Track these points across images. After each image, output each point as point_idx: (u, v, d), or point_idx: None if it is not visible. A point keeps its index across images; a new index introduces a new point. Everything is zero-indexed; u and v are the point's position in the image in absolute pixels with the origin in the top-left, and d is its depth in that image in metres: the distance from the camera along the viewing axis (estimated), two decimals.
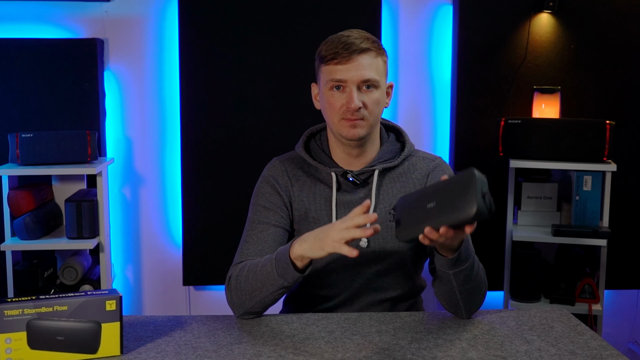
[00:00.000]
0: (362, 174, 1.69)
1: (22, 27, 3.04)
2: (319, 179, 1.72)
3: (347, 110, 1.62)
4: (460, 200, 1.27)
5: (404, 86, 3.19)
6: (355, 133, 1.63)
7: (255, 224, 1.69)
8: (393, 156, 1.74)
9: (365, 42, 1.62)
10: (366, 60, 1.62)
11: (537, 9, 3.03)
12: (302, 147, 1.75)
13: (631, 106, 3.07)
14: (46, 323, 1.31)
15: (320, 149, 1.75)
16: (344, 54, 1.60)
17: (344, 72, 1.61)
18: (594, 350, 1.40)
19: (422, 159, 1.76)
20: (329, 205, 1.69)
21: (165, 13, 3.11)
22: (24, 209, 2.73)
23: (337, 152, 1.72)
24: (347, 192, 1.70)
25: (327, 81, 1.64)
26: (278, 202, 1.71)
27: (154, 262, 3.22)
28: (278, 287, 1.54)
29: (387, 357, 1.36)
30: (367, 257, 1.69)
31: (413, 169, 1.74)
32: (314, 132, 1.79)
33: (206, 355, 1.37)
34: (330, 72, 1.63)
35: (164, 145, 3.17)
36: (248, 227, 1.71)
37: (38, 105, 3.00)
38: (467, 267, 1.51)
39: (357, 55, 1.61)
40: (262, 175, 1.77)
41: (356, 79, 1.61)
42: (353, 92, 1.61)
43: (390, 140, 1.77)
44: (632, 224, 3.11)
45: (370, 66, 1.62)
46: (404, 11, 3.16)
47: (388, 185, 1.71)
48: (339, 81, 1.62)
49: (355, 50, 1.61)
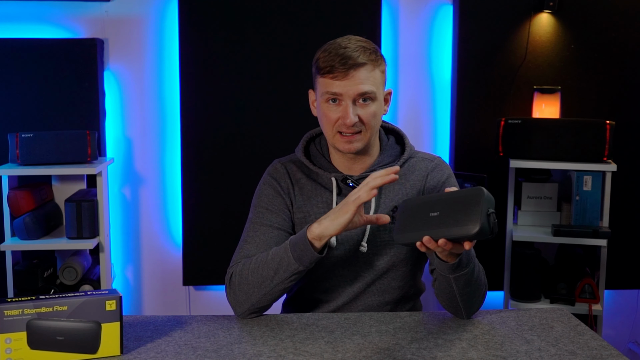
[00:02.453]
0: (362, 178, 1.68)
1: (22, 27, 3.04)
2: (320, 184, 1.72)
3: (342, 124, 1.61)
4: (465, 216, 1.27)
5: (404, 86, 3.19)
6: (352, 147, 1.63)
7: (257, 225, 1.69)
8: (393, 160, 1.73)
9: (362, 55, 1.59)
10: (363, 75, 1.59)
11: (537, 9, 3.03)
12: (302, 152, 1.75)
13: (631, 106, 3.07)
14: (46, 323, 1.31)
15: (320, 153, 1.74)
16: (340, 68, 1.58)
17: (340, 87, 1.59)
18: (594, 350, 1.40)
19: (422, 159, 1.76)
20: (330, 210, 1.69)
21: (165, 13, 3.11)
22: (24, 209, 2.73)
23: (337, 158, 1.72)
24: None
25: (323, 93, 1.62)
26: (280, 205, 1.71)
27: (154, 262, 3.22)
28: (292, 272, 1.55)
29: (387, 357, 1.36)
30: (366, 260, 1.69)
31: (412, 170, 1.73)
32: (313, 136, 1.79)
33: (206, 355, 1.37)
34: (326, 85, 1.61)
35: (164, 145, 3.17)
36: (249, 228, 1.70)
37: (38, 105, 3.00)
38: (467, 272, 1.51)
39: (354, 70, 1.58)
40: (264, 177, 1.76)
41: (352, 93, 1.59)
42: (349, 107, 1.59)
43: (390, 144, 1.76)
44: (632, 224, 3.11)
45: (367, 80, 1.60)
46: (404, 11, 3.16)
47: (388, 189, 1.71)
48: (334, 94, 1.60)
49: (352, 66, 1.58)
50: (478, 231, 1.24)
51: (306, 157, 1.74)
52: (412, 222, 1.37)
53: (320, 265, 1.66)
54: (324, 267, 1.68)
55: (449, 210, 1.31)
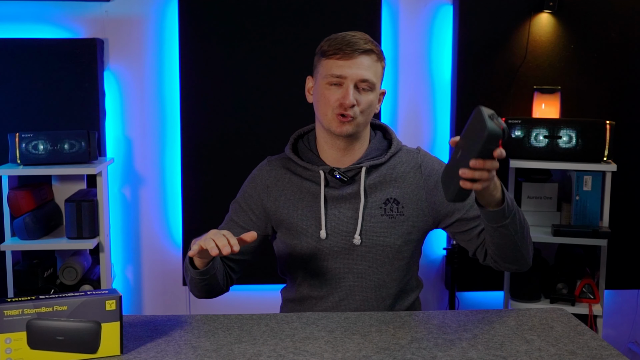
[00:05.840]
0: (350, 171, 1.70)
1: (22, 27, 3.04)
2: (306, 178, 1.74)
3: (340, 105, 1.63)
4: (476, 133, 1.37)
5: (404, 86, 3.19)
6: (344, 130, 1.65)
7: (228, 220, 1.80)
8: (380, 153, 1.75)
9: (369, 43, 1.66)
10: (367, 62, 1.64)
11: (537, 9, 3.03)
12: (290, 149, 1.77)
13: (631, 106, 3.07)
14: (46, 323, 1.31)
15: (308, 148, 1.76)
16: (347, 50, 1.63)
17: (344, 69, 1.63)
18: (594, 350, 1.40)
19: (406, 152, 1.78)
20: (317, 203, 1.70)
21: (165, 13, 3.11)
22: (24, 209, 2.73)
23: (326, 150, 1.73)
24: (335, 188, 1.71)
25: (326, 75, 1.65)
26: (252, 204, 1.77)
27: (154, 262, 3.22)
28: (190, 277, 1.68)
29: (387, 356, 1.36)
30: (359, 253, 1.70)
31: (400, 163, 1.75)
32: (301, 134, 1.81)
33: (206, 355, 1.37)
34: (330, 67, 1.64)
35: (164, 145, 3.17)
36: (224, 221, 1.82)
37: (38, 105, 3.00)
38: (515, 212, 1.57)
39: (360, 54, 1.63)
40: (250, 175, 1.83)
41: (355, 77, 1.63)
42: (350, 88, 1.63)
43: (377, 139, 1.78)
44: (632, 224, 3.11)
45: (370, 68, 1.65)
46: (404, 11, 3.16)
47: (376, 182, 1.72)
48: (338, 77, 1.63)
49: (358, 50, 1.63)
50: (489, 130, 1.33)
51: (295, 153, 1.76)
52: (449, 174, 1.45)
53: (312, 257, 1.69)
54: (316, 259, 1.69)
55: (466, 142, 1.41)
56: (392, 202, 1.71)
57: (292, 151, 1.77)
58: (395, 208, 1.70)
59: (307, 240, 1.70)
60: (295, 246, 1.72)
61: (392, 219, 1.70)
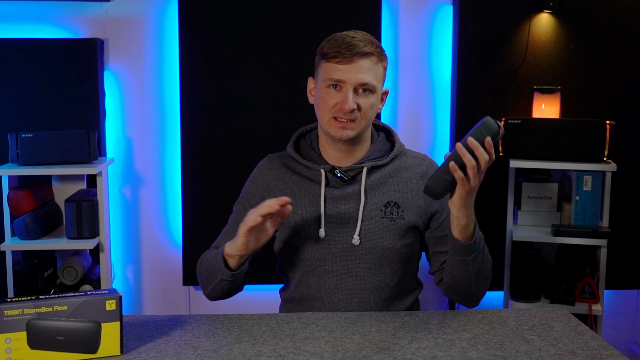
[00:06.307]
0: (351, 170, 1.71)
1: (22, 27, 3.04)
2: (307, 177, 1.74)
3: (339, 109, 1.63)
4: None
5: (404, 86, 3.19)
6: (344, 134, 1.65)
7: (233, 222, 1.79)
8: (382, 155, 1.75)
9: (369, 46, 1.64)
10: (367, 65, 1.63)
11: (537, 9, 3.03)
12: (292, 147, 1.77)
13: (631, 106, 3.07)
14: (46, 323, 1.31)
15: (309, 147, 1.76)
16: (346, 54, 1.61)
17: (343, 73, 1.62)
18: (594, 350, 1.40)
19: (412, 157, 1.78)
20: (317, 202, 1.70)
21: (165, 13, 3.11)
22: (24, 209, 2.73)
23: (327, 150, 1.74)
24: (335, 187, 1.71)
25: (325, 79, 1.64)
26: (255, 203, 1.74)
27: (154, 262, 3.22)
28: (220, 279, 1.65)
29: (387, 356, 1.36)
30: (358, 254, 1.70)
31: (404, 167, 1.75)
32: (304, 132, 1.81)
33: (206, 355, 1.37)
34: (329, 70, 1.64)
35: (164, 145, 3.17)
36: (228, 222, 1.81)
37: (38, 105, 3.00)
38: (480, 250, 1.60)
39: (359, 58, 1.62)
40: (251, 174, 1.82)
41: (354, 81, 1.62)
42: (349, 93, 1.62)
43: (380, 140, 1.78)
44: (632, 224, 3.11)
45: (370, 71, 1.63)
46: (404, 11, 3.16)
47: (377, 183, 1.72)
48: (337, 81, 1.63)
49: (358, 53, 1.62)
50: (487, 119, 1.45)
51: (296, 151, 1.76)
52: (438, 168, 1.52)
53: (311, 257, 1.69)
54: (315, 259, 1.69)
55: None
56: (392, 205, 1.70)
57: (294, 149, 1.77)
58: (395, 211, 1.70)
59: (306, 239, 1.70)
60: (294, 245, 1.72)
61: (391, 222, 1.70)
